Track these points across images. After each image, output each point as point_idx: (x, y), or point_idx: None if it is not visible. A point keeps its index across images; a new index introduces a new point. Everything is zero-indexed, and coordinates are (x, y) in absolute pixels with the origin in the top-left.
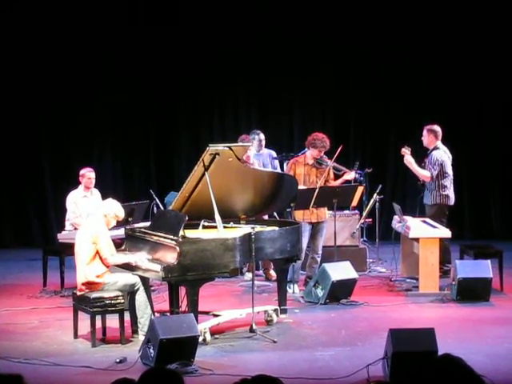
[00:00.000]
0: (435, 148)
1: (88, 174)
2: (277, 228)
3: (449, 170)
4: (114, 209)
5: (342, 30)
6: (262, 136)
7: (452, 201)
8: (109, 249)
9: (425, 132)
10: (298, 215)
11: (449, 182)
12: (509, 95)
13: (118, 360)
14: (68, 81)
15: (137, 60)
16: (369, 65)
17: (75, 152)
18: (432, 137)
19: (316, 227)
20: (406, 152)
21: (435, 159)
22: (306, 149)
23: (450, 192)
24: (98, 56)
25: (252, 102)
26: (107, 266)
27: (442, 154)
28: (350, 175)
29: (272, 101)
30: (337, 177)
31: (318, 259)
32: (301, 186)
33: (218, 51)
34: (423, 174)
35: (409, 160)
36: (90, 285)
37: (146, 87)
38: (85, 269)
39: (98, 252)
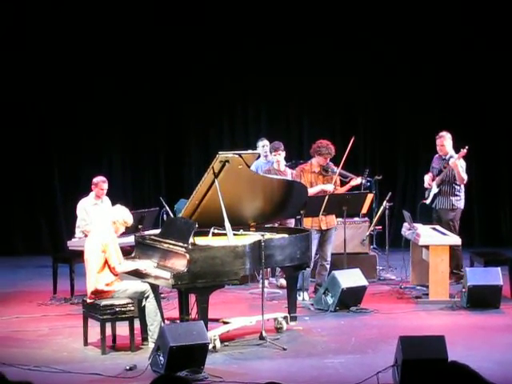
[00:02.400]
0: (452, 155)
1: (101, 185)
2: (287, 235)
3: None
4: (123, 215)
5: (351, 37)
6: (266, 142)
7: (463, 204)
8: (117, 257)
9: (443, 140)
10: (307, 222)
11: (463, 187)
12: None
13: (127, 367)
14: (78, 90)
15: (146, 67)
16: (379, 71)
17: (85, 159)
18: (451, 143)
19: (325, 234)
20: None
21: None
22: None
23: (463, 196)
24: (108, 64)
25: (261, 110)
26: (116, 275)
27: (462, 160)
28: (357, 181)
29: (281, 108)
30: (343, 183)
31: (328, 266)
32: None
33: (227, 59)
34: (463, 176)
35: (454, 161)
36: (100, 293)
37: (155, 94)
38: (95, 278)
39: (107, 260)
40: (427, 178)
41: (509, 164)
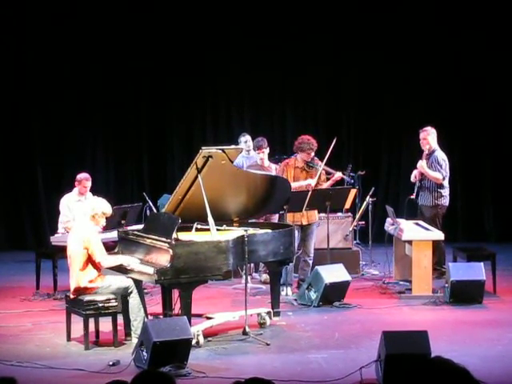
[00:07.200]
0: (435, 149)
1: (84, 182)
2: (270, 230)
3: (448, 170)
4: (101, 207)
5: (334, 32)
6: (249, 137)
7: (448, 201)
8: (101, 252)
9: (426, 135)
10: (288, 218)
11: (447, 183)
12: (500, 96)
13: (111, 363)
14: (61, 85)
15: (129, 64)
16: (360, 67)
17: (68, 154)
18: (434, 139)
19: (306, 229)
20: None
21: (441, 160)
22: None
23: (447, 193)
24: (91, 61)
25: (244, 105)
26: (100, 269)
27: (444, 155)
28: (336, 175)
29: (264, 103)
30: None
31: (310, 262)
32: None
33: (209, 54)
34: (435, 176)
35: (421, 164)
36: (83, 290)
37: (138, 90)
38: (78, 275)
39: (90, 256)
40: (414, 173)
41: (492, 159)
